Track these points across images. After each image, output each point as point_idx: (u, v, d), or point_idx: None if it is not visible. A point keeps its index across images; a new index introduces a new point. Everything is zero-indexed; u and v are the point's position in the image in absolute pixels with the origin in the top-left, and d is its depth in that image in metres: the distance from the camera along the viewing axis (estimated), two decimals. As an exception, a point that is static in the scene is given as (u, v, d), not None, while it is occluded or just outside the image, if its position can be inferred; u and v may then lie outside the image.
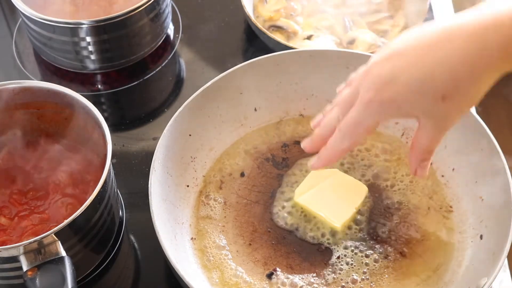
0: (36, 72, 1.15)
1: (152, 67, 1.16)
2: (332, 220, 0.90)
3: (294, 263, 0.88)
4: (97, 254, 0.90)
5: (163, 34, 1.17)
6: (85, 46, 1.06)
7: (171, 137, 0.92)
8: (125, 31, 1.07)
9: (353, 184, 0.93)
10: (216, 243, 0.90)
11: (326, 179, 0.94)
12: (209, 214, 0.93)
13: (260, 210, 0.94)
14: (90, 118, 0.88)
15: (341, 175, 0.95)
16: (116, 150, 1.03)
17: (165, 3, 1.12)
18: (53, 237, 0.77)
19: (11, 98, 0.90)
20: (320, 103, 1.03)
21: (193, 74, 1.16)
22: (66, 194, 0.89)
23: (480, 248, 0.86)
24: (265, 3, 1.19)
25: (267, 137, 1.01)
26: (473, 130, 0.92)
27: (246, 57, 1.16)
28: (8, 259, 0.77)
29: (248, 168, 0.98)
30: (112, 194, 0.87)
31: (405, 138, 1.00)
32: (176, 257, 0.81)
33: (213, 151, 0.98)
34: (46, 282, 0.74)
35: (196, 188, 0.95)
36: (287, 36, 1.14)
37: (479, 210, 0.89)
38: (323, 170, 0.94)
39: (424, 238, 0.90)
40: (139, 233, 0.96)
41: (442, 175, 0.96)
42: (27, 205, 0.89)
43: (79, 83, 1.12)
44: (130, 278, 0.92)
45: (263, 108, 1.02)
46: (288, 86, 1.01)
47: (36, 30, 1.06)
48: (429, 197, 0.94)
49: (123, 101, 1.12)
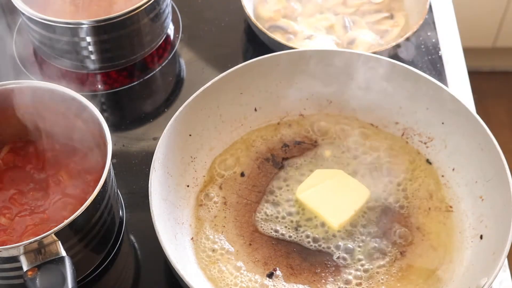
0: (36, 72, 1.14)
1: (152, 67, 1.16)
2: (330, 220, 0.90)
3: (294, 263, 0.88)
4: (97, 254, 0.90)
5: (163, 34, 1.17)
6: (85, 46, 1.06)
7: (171, 137, 0.92)
8: (125, 31, 1.07)
9: (356, 187, 0.94)
10: (216, 243, 0.90)
11: (330, 179, 0.94)
12: (209, 214, 0.93)
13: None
14: (90, 118, 0.88)
15: (345, 177, 0.95)
16: (116, 150, 1.03)
17: (165, 3, 1.12)
18: (53, 237, 0.77)
19: (11, 98, 0.90)
20: (320, 103, 1.03)
21: (193, 74, 1.16)
22: (66, 194, 0.89)
23: (480, 248, 0.86)
24: (265, 3, 1.19)
25: (267, 137, 1.01)
26: (473, 130, 0.92)
27: (246, 57, 1.17)
28: (8, 259, 0.77)
29: (248, 168, 0.98)
30: (112, 194, 0.87)
31: (405, 138, 1.00)
32: (176, 257, 0.81)
33: (213, 151, 0.99)
34: (46, 282, 0.74)
35: (196, 188, 0.95)
36: (287, 36, 1.14)
37: (479, 210, 0.89)
38: (327, 170, 0.95)
39: (424, 238, 0.90)
40: (139, 233, 0.96)
41: (442, 175, 0.96)
42: (27, 205, 0.89)
43: (79, 83, 1.12)
44: (130, 278, 0.92)
45: (263, 108, 1.02)
46: (288, 86, 1.01)
47: (36, 30, 1.06)
48: (429, 197, 0.94)
49: (123, 101, 1.12)
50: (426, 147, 0.98)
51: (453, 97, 0.94)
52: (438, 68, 1.14)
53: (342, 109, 1.03)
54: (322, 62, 1.00)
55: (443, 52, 1.17)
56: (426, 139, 0.99)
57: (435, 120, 0.97)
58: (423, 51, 1.16)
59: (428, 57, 1.15)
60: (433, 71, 1.13)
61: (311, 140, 1.01)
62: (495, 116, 2.29)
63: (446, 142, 0.96)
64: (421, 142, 0.99)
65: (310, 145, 1.00)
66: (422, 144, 0.99)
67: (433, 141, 0.98)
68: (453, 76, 1.14)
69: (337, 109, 1.03)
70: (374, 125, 1.02)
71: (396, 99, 0.99)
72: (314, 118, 1.03)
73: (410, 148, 0.99)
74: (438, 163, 0.97)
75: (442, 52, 1.16)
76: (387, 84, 0.99)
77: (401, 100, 0.99)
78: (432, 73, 1.13)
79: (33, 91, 0.90)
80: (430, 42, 1.18)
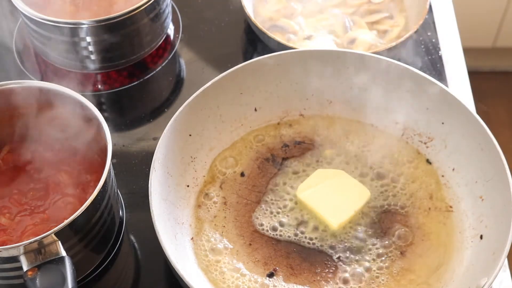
0: (36, 72, 1.14)
1: (152, 67, 1.16)
2: (330, 219, 0.90)
3: (294, 263, 0.88)
4: (97, 254, 0.90)
5: (163, 34, 1.17)
6: (85, 46, 1.06)
7: (171, 137, 0.92)
8: (125, 31, 1.07)
9: (356, 187, 0.94)
10: (216, 243, 0.90)
11: (330, 179, 0.94)
12: (209, 214, 0.93)
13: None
14: (90, 118, 0.88)
15: (345, 177, 0.95)
16: (116, 150, 1.03)
17: (165, 3, 1.12)
18: (53, 237, 0.77)
19: (11, 98, 0.90)
20: (320, 103, 1.03)
21: (193, 74, 1.16)
22: (66, 194, 0.89)
23: (480, 248, 0.86)
24: (265, 3, 1.19)
25: (267, 137, 1.01)
26: (473, 130, 0.92)
27: (246, 57, 1.17)
28: (8, 259, 0.77)
29: (248, 168, 0.98)
30: (112, 194, 0.87)
31: (405, 138, 1.00)
32: (176, 257, 0.81)
33: (213, 151, 0.99)
34: (46, 282, 0.74)
35: (196, 188, 0.95)
36: (287, 36, 1.14)
37: (479, 210, 0.89)
38: (328, 170, 0.95)
39: (424, 238, 0.90)
40: (139, 233, 0.96)
41: (442, 175, 0.96)
42: (27, 205, 0.89)
43: (79, 83, 1.12)
44: (130, 278, 0.92)
45: (263, 108, 1.02)
46: (288, 86, 1.01)
47: (36, 30, 1.06)
48: (429, 197, 0.94)
49: (123, 101, 1.12)
50: (426, 147, 0.98)
51: (453, 97, 0.94)
52: (438, 68, 1.14)
53: (342, 109, 1.03)
54: (322, 62, 0.99)
55: (443, 52, 1.17)
56: (426, 139, 0.99)
57: (435, 120, 0.97)
58: (423, 51, 1.16)
59: (428, 57, 1.15)
60: (433, 71, 1.13)
61: (311, 140, 1.01)
62: (495, 116, 2.28)
63: (446, 142, 0.96)
64: (421, 142, 0.99)
65: (310, 145, 1.00)
66: (422, 144, 0.99)
67: (433, 141, 0.98)
68: (453, 76, 1.14)
69: (337, 109, 1.03)
70: (374, 125, 1.02)
71: (396, 99, 0.99)
72: (314, 118, 1.03)
73: (410, 148, 0.99)
74: (438, 163, 0.97)
75: (442, 52, 1.17)
76: (387, 84, 0.99)
77: (401, 100, 0.99)
78: (432, 73, 1.13)
79: (33, 91, 0.90)
80: (430, 42, 1.18)
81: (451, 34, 1.22)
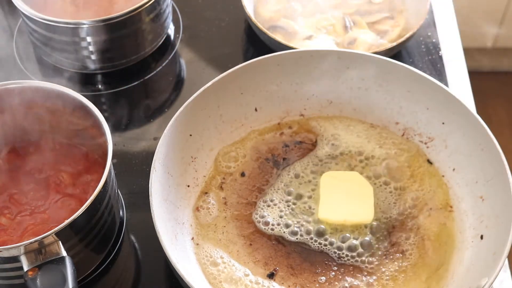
0: (36, 72, 1.14)
1: (152, 67, 1.16)
2: (363, 220, 0.91)
3: (295, 263, 0.88)
4: (97, 254, 0.90)
5: (164, 34, 1.17)
6: (86, 46, 1.06)
7: (172, 137, 0.92)
8: (126, 31, 1.07)
9: (360, 181, 0.94)
10: (217, 243, 0.90)
11: (336, 183, 0.94)
12: (210, 214, 0.93)
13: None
14: (90, 118, 0.88)
15: (349, 175, 0.95)
16: (117, 150, 1.03)
17: (165, 3, 1.12)
18: (54, 237, 0.77)
19: (11, 98, 0.90)
20: (320, 103, 1.03)
21: (194, 74, 1.16)
22: (67, 194, 0.89)
23: (480, 248, 0.86)
24: (265, 3, 1.19)
25: (267, 137, 1.01)
26: (473, 130, 0.92)
27: (246, 57, 1.17)
28: (9, 259, 0.77)
29: (249, 168, 0.98)
30: (112, 194, 0.87)
31: (405, 138, 1.00)
32: (176, 257, 0.81)
33: (213, 151, 0.99)
34: (46, 282, 0.75)
35: (196, 188, 0.95)
36: (287, 36, 1.14)
37: (479, 210, 0.89)
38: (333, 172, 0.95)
39: (424, 238, 0.90)
40: (139, 233, 0.96)
41: (443, 175, 0.96)
42: (27, 205, 0.89)
43: (79, 83, 1.12)
44: (130, 278, 0.92)
45: (264, 108, 1.02)
46: (288, 86, 1.01)
47: (36, 30, 1.06)
48: (429, 197, 0.94)
49: (124, 101, 1.12)
50: (427, 147, 0.98)
51: (454, 97, 0.94)
52: (438, 68, 1.14)
53: (342, 109, 1.03)
54: (323, 62, 1.00)
55: (443, 52, 1.17)
56: (426, 139, 0.99)
57: (435, 120, 0.97)
58: (423, 51, 1.16)
59: (428, 57, 1.15)
60: (433, 71, 1.13)
61: (311, 140, 1.01)
62: (495, 116, 2.29)
63: (446, 142, 0.96)
64: (421, 142, 0.99)
65: (310, 145, 1.00)
66: (423, 144, 0.99)
67: (433, 141, 0.98)
68: (453, 76, 1.14)
69: (337, 109, 1.03)
70: (375, 125, 1.02)
71: (397, 99, 0.99)
72: (314, 118, 1.03)
73: (410, 148, 0.99)
74: (438, 163, 0.97)
75: (442, 52, 1.17)
76: (388, 84, 0.99)
77: (401, 100, 0.99)
78: (432, 73, 1.13)
79: (33, 91, 0.90)
80: (431, 42, 1.18)
81: (452, 34, 1.22)
